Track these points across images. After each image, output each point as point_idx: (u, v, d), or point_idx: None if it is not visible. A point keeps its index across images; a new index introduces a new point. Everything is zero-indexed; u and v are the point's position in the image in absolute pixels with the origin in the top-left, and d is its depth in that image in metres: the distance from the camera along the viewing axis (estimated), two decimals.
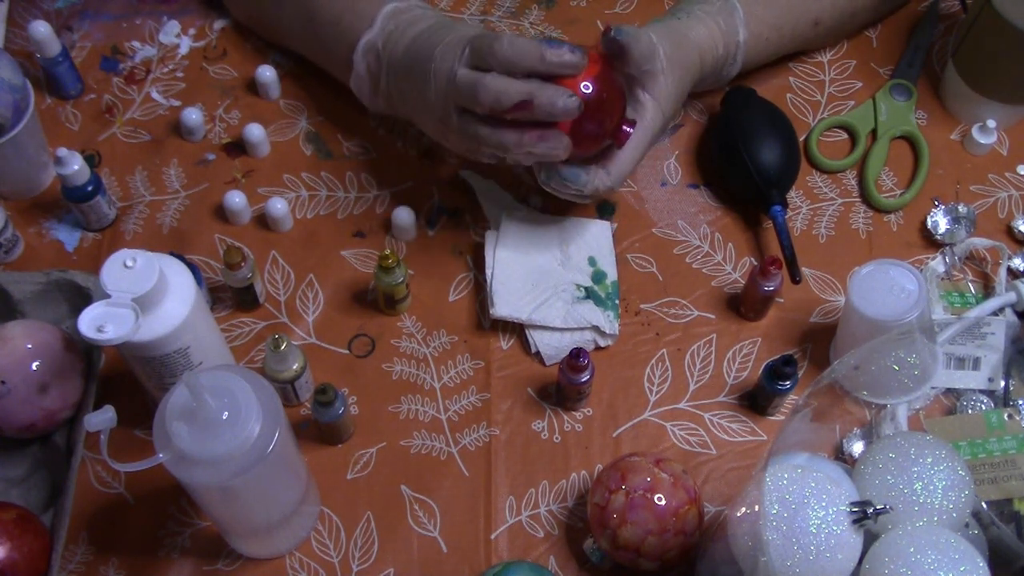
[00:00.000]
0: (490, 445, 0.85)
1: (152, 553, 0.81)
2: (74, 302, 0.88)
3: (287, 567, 0.80)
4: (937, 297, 0.90)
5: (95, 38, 1.04)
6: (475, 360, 0.88)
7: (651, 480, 0.76)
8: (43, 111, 0.99)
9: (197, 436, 0.65)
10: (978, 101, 0.97)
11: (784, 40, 0.96)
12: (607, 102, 0.80)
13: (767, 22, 0.93)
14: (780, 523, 0.65)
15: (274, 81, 0.99)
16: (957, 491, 0.68)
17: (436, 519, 0.82)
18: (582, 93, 0.78)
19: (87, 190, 0.89)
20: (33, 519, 0.79)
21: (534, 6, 1.06)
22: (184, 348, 0.75)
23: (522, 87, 0.77)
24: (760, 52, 0.95)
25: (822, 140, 0.99)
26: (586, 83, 0.79)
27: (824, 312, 0.91)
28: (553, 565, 0.81)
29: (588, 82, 0.79)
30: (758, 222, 0.95)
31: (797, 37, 0.96)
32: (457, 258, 0.93)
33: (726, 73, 0.94)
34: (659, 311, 0.91)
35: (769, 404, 0.85)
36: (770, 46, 0.95)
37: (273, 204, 0.92)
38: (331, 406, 0.80)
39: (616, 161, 0.83)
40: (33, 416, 0.81)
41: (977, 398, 0.84)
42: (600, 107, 0.79)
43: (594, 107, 0.79)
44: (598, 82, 0.79)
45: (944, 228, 0.93)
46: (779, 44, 0.96)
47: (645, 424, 0.86)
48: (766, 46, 0.95)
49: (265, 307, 0.90)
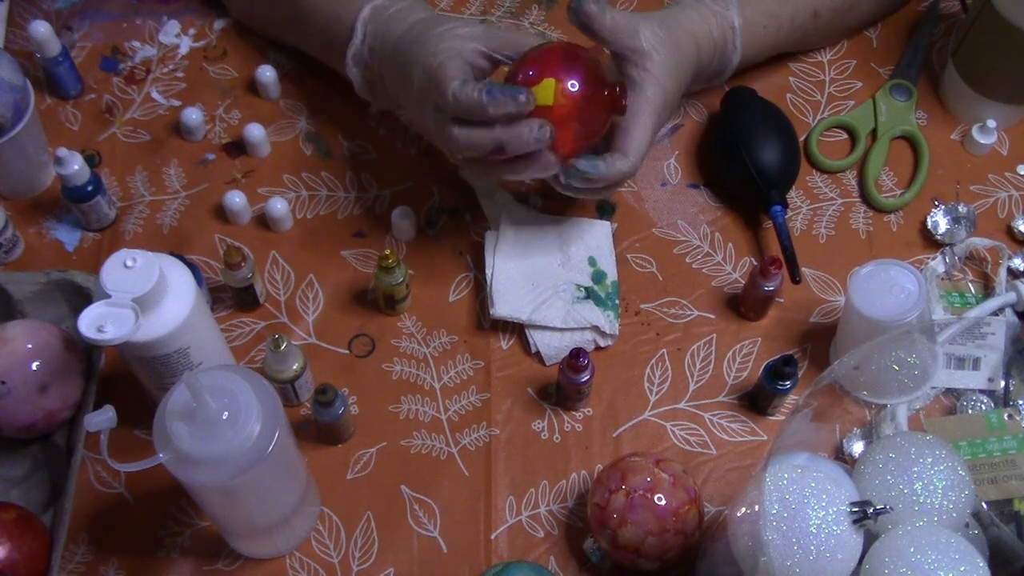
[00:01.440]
0: (490, 445, 0.85)
1: (152, 553, 0.81)
2: (74, 302, 0.87)
3: (287, 567, 0.80)
4: (937, 297, 0.90)
5: (95, 38, 1.04)
6: (475, 360, 0.88)
7: (651, 480, 0.76)
8: (43, 111, 0.99)
9: (197, 436, 0.65)
10: (978, 101, 0.97)
11: (783, 31, 0.95)
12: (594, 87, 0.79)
13: (762, 9, 0.93)
14: (780, 523, 0.65)
15: (274, 81, 0.99)
16: (957, 491, 0.68)
17: (436, 519, 0.82)
18: (569, 92, 0.77)
19: (87, 190, 0.89)
20: (33, 519, 0.79)
21: (534, 6, 1.06)
22: (184, 348, 0.75)
23: (487, 136, 0.77)
24: (759, 41, 0.94)
25: (822, 140, 0.99)
26: (572, 81, 0.78)
27: (824, 312, 0.91)
28: (553, 565, 0.81)
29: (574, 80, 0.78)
30: (758, 222, 0.95)
31: (796, 28, 0.96)
32: (457, 258, 0.93)
33: (728, 61, 0.93)
34: (659, 311, 0.91)
35: (769, 404, 0.85)
36: (768, 34, 0.94)
37: (273, 204, 0.92)
38: (331, 406, 0.80)
39: (629, 142, 0.81)
40: (33, 416, 0.81)
41: (977, 398, 0.84)
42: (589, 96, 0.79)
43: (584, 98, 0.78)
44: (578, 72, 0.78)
45: (944, 228, 0.93)
46: (777, 34, 0.95)
47: (645, 424, 0.86)
48: (764, 34, 0.94)
49: (265, 307, 0.90)
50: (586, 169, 0.80)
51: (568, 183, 0.82)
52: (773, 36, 0.95)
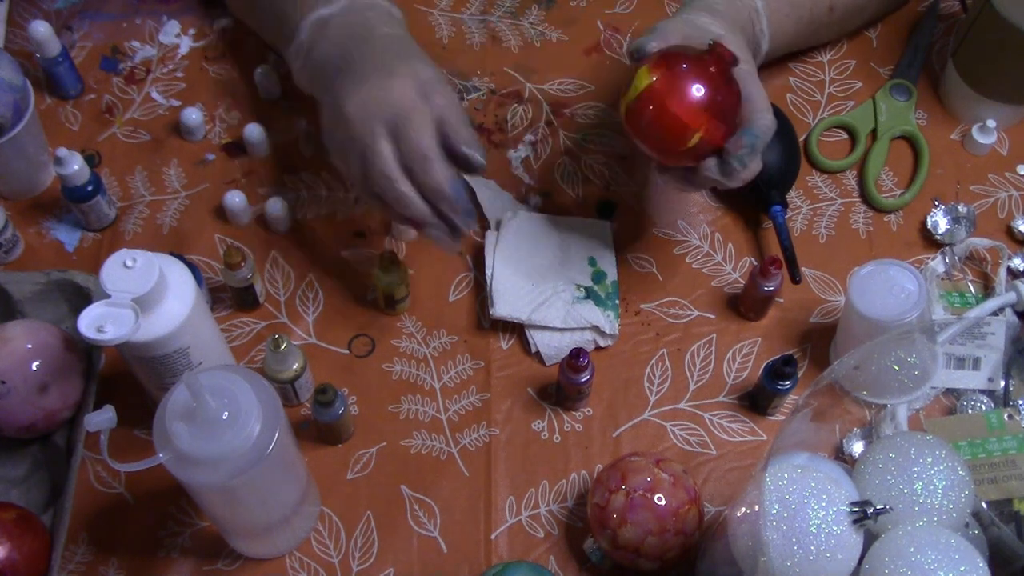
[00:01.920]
0: (490, 445, 0.85)
1: (152, 553, 0.81)
2: (74, 302, 0.88)
3: (287, 567, 0.80)
4: (937, 297, 0.90)
5: (95, 38, 1.04)
6: (475, 360, 0.88)
7: (651, 480, 0.76)
8: (43, 111, 0.99)
9: (197, 436, 0.65)
10: (978, 101, 0.97)
11: (803, 22, 0.94)
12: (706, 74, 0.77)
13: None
14: (780, 523, 0.65)
15: (274, 81, 0.99)
16: (957, 491, 0.68)
17: (436, 519, 0.82)
18: (695, 97, 0.75)
19: (87, 190, 0.89)
20: (33, 519, 0.79)
21: (534, 6, 1.06)
22: (184, 348, 0.75)
23: (419, 211, 0.79)
24: (783, 28, 0.92)
25: (822, 140, 0.99)
26: (697, 85, 0.76)
27: (824, 312, 0.91)
28: (553, 565, 0.81)
29: (700, 84, 0.76)
30: (758, 222, 0.95)
31: (814, 20, 0.95)
32: (457, 258, 0.93)
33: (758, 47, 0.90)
34: (659, 311, 0.91)
35: (769, 404, 0.85)
36: (789, 23, 0.93)
37: (273, 204, 0.92)
38: (331, 406, 0.80)
39: (755, 101, 0.80)
40: (33, 416, 0.81)
41: (977, 398, 0.84)
42: (717, 101, 0.77)
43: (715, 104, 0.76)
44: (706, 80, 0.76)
45: (944, 228, 0.93)
46: (797, 25, 0.94)
47: (645, 424, 0.86)
48: (785, 23, 0.92)
49: (265, 307, 0.90)
50: (749, 141, 0.78)
51: (741, 163, 0.79)
52: (793, 25, 0.94)
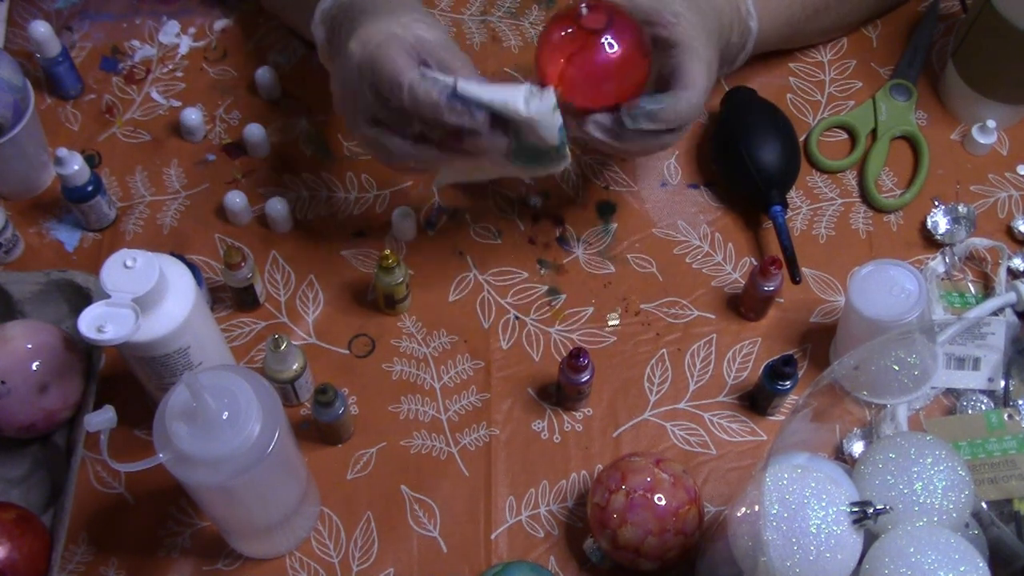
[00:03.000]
0: (490, 445, 0.85)
1: (152, 553, 0.81)
2: (74, 302, 0.88)
3: (287, 567, 0.80)
4: (937, 297, 0.90)
5: (95, 38, 1.04)
6: (475, 360, 0.88)
7: (651, 480, 0.76)
8: (43, 111, 0.99)
9: (197, 436, 0.65)
10: (978, 101, 0.97)
11: (795, 8, 0.94)
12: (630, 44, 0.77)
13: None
14: (780, 523, 0.65)
15: (274, 81, 0.99)
16: (957, 491, 0.68)
17: (436, 519, 0.82)
18: (607, 52, 0.76)
19: (87, 190, 0.89)
20: (33, 519, 0.79)
21: (534, 6, 1.06)
22: (184, 348, 0.75)
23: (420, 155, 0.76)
24: (773, 13, 0.92)
25: (822, 140, 0.99)
26: (609, 41, 0.76)
27: (824, 312, 0.91)
28: (553, 565, 0.81)
29: (610, 39, 0.76)
30: (758, 222, 0.95)
31: (808, 6, 0.95)
32: (457, 258, 0.93)
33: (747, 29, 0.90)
34: (659, 311, 0.91)
35: (769, 404, 0.85)
36: (781, 7, 0.93)
37: (273, 204, 0.92)
38: (331, 406, 0.80)
39: (687, 76, 0.78)
40: (33, 416, 0.81)
41: (977, 398, 0.84)
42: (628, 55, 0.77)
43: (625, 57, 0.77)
44: (615, 32, 0.76)
45: (944, 228, 0.93)
46: (790, 12, 0.94)
47: (645, 424, 0.86)
48: (777, 5, 0.92)
49: (265, 307, 0.90)
50: (651, 107, 0.77)
51: (636, 126, 0.77)
52: (786, 11, 0.93)
